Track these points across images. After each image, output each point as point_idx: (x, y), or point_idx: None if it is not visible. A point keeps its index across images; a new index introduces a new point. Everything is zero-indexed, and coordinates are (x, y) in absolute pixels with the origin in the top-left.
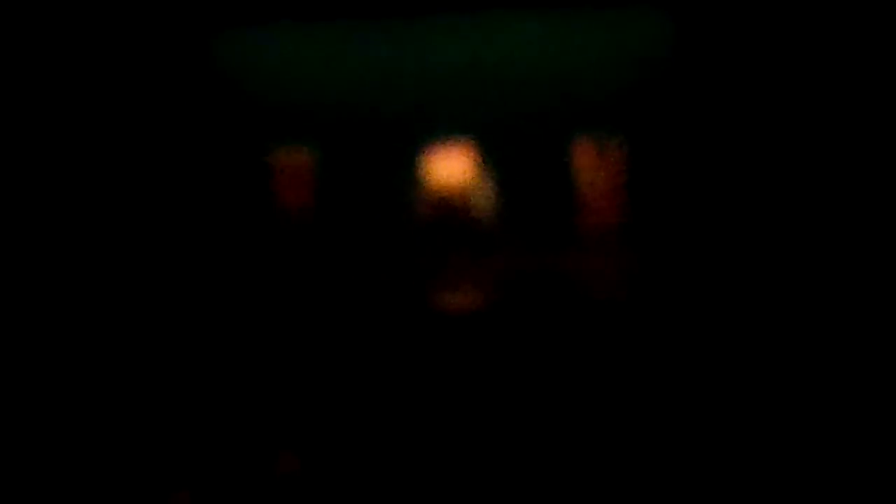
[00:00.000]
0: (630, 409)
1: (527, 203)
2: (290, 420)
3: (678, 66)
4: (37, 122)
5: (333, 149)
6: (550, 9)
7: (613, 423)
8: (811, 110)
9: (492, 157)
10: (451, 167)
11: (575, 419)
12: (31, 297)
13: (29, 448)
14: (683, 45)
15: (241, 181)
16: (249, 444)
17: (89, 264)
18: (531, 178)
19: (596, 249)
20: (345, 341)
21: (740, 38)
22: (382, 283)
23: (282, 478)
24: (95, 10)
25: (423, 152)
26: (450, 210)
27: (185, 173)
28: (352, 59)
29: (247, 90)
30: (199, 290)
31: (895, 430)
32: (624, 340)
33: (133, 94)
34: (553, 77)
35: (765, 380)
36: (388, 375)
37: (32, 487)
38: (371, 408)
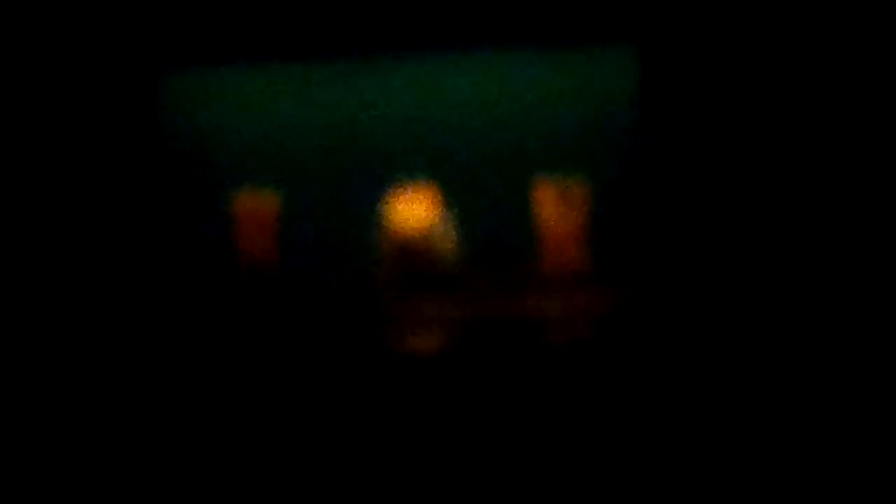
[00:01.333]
0: (598, 454)
1: (491, 246)
2: (255, 465)
3: (643, 107)
4: None
5: (291, 194)
6: (513, 50)
7: (582, 468)
8: (782, 151)
9: (455, 200)
10: (413, 211)
11: (541, 465)
12: None
13: None
14: (649, 86)
15: (195, 229)
16: (214, 495)
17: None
18: (495, 222)
19: (561, 292)
20: (306, 388)
21: (708, 78)
22: (345, 329)
23: None
24: (33, 48)
25: (385, 196)
26: (413, 254)
27: (133, 222)
28: (311, 102)
29: (199, 135)
30: (156, 339)
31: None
32: (590, 384)
33: (77, 135)
34: (516, 119)
35: (742, 421)
36: (352, 421)
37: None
38: (335, 454)
